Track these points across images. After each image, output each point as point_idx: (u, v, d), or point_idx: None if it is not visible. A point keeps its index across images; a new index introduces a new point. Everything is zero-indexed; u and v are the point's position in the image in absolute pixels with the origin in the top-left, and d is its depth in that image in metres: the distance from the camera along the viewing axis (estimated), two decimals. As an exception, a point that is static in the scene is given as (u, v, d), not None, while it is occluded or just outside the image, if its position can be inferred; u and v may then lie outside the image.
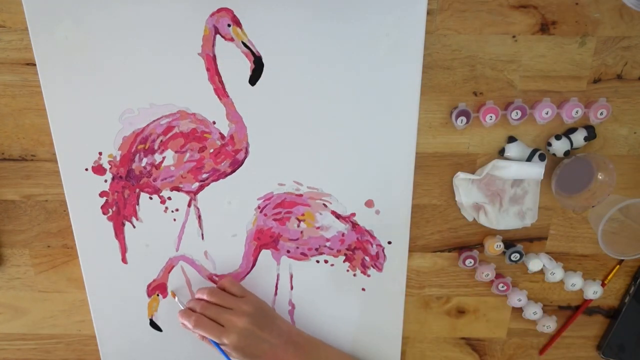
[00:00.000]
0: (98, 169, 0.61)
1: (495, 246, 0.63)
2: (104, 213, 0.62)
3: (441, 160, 0.61)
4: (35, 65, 0.56)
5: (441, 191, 0.63)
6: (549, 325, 0.68)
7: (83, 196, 0.62)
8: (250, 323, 0.60)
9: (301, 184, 0.61)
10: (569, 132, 0.59)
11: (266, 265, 0.65)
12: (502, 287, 0.66)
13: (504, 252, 0.65)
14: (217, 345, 0.60)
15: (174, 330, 0.69)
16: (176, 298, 0.66)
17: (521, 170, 0.59)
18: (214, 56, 0.56)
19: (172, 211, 0.63)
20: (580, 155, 0.59)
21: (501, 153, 0.60)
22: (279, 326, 0.63)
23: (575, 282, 0.65)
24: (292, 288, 0.67)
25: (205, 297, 0.63)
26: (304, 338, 0.66)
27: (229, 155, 0.60)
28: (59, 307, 0.69)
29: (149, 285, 0.66)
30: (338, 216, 0.63)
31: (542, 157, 0.59)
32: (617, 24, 0.55)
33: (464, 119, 0.57)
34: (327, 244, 0.64)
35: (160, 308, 0.68)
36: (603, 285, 0.66)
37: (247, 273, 0.66)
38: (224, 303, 0.62)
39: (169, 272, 0.66)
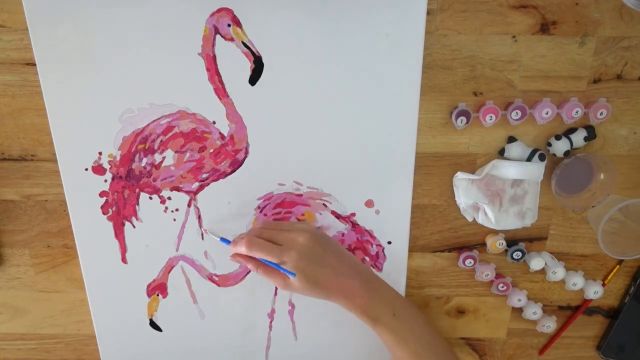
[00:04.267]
0: (98, 169, 0.61)
1: (497, 244, 0.63)
2: (104, 213, 0.62)
3: (441, 160, 0.61)
4: (35, 65, 0.56)
5: (441, 191, 0.63)
6: (549, 325, 0.68)
7: (83, 196, 0.61)
8: (312, 240, 0.52)
9: (301, 184, 0.61)
10: (569, 132, 0.59)
11: (266, 265, 0.65)
12: (502, 287, 0.66)
13: (505, 251, 0.65)
14: (276, 265, 0.52)
15: (174, 330, 0.69)
16: (208, 232, 0.61)
17: (521, 170, 0.59)
18: (214, 56, 0.56)
19: (172, 211, 0.63)
20: (580, 155, 0.59)
21: (501, 153, 0.60)
22: (344, 253, 0.55)
23: (576, 281, 0.65)
24: (292, 288, 0.67)
25: (258, 225, 0.56)
26: (371, 273, 0.57)
27: (229, 155, 0.60)
28: (59, 307, 0.69)
29: (149, 285, 0.66)
30: (338, 216, 0.63)
31: (542, 157, 0.59)
32: (617, 24, 0.55)
33: (464, 119, 0.57)
34: (327, 244, 0.64)
35: (160, 308, 0.68)
36: (603, 285, 0.66)
37: (247, 273, 0.66)
38: (280, 227, 0.55)
39: (169, 272, 0.66)
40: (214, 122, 0.59)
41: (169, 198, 0.62)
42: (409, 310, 0.57)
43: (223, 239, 0.60)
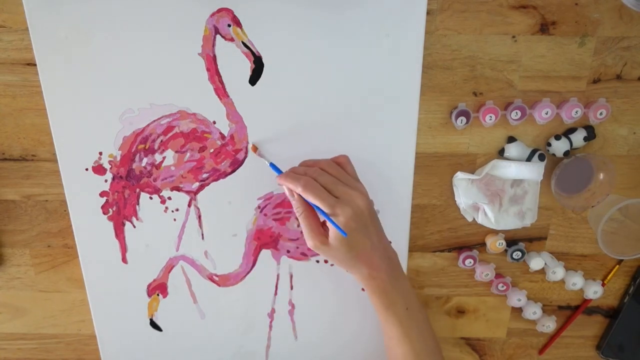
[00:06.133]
0: (98, 169, 0.61)
1: (497, 244, 0.63)
2: (104, 213, 0.62)
3: (441, 160, 0.61)
4: (35, 65, 0.56)
5: (441, 191, 0.63)
6: (549, 325, 0.69)
7: (83, 196, 0.61)
8: (367, 208, 0.50)
9: (301, 184, 0.61)
10: (569, 132, 0.59)
11: (266, 265, 0.65)
12: (502, 287, 0.66)
13: (505, 251, 0.65)
14: (327, 216, 0.49)
15: (174, 330, 0.69)
16: (257, 151, 0.57)
17: (521, 171, 0.59)
18: (214, 56, 0.56)
19: (172, 211, 0.63)
20: (580, 155, 0.59)
21: (501, 153, 0.60)
22: (383, 233, 0.54)
23: (576, 281, 0.65)
24: (292, 288, 0.67)
25: (320, 165, 0.52)
26: (397, 261, 0.56)
27: (229, 155, 0.60)
28: (59, 307, 0.69)
29: (149, 285, 0.66)
30: (338, 216, 0.63)
31: (541, 157, 0.59)
32: (617, 24, 0.55)
33: (464, 119, 0.57)
34: (327, 243, 0.64)
35: (160, 308, 0.68)
36: (603, 285, 0.67)
37: (247, 273, 0.66)
38: (340, 177, 0.51)
39: (169, 272, 0.66)
40: (214, 122, 0.59)
41: (169, 198, 0.62)
42: (420, 309, 0.57)
43: (272, 165, 0.56)
